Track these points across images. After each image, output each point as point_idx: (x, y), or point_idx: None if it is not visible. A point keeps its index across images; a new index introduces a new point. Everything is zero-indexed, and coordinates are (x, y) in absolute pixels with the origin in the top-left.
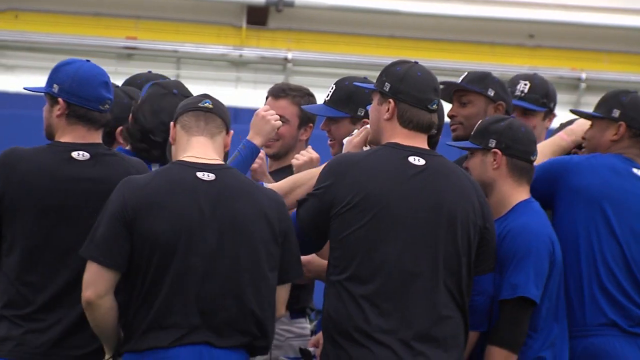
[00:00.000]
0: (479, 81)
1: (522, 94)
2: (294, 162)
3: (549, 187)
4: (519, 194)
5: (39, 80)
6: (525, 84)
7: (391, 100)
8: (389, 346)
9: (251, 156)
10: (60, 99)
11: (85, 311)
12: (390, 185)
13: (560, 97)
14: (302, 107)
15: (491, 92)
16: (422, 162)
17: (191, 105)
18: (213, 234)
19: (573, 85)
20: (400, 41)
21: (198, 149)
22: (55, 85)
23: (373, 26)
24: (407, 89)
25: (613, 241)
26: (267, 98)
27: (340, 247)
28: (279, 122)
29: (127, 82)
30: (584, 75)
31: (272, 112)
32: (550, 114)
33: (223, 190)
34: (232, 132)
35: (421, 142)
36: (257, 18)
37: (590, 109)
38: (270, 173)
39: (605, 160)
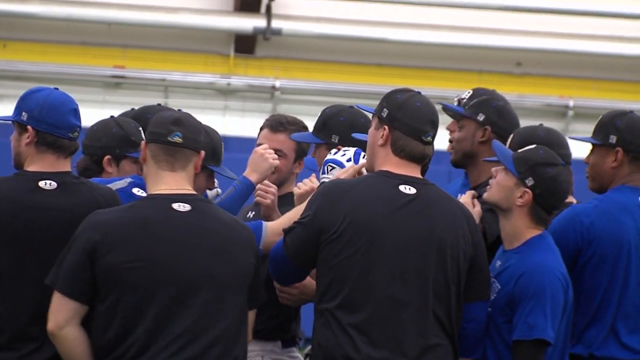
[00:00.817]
0: (476, 105)
1: (461, 102)
2: (296, 190)
3: (572, 251)
4: (533, 230)
5: None
6: (468, 93)
7: (386, 126)
8: None
9: (246, 192)
10: (29, 127)
11: (54, 340)
12: (381, 213)
13: (549, 124)
14: (292, 135)
15: (481, 117)
16: (412, 190)
17: (161, 137)
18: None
19: (561, 112)
20: (388, 69)
21: (169, 182)
22: (24, 113)
23: (360, 54)
24: (403, 117)
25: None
26: (261, 129)
27: (329, 274)
28: (277, 162)
29: (135, 115)
30: (571, 103)
31: (271, 150)
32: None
33: (202, 221)
34: (202, 152)
35: (413, 171)
36: (244, 46)
37: (578, 136)
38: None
39: (613, 200)
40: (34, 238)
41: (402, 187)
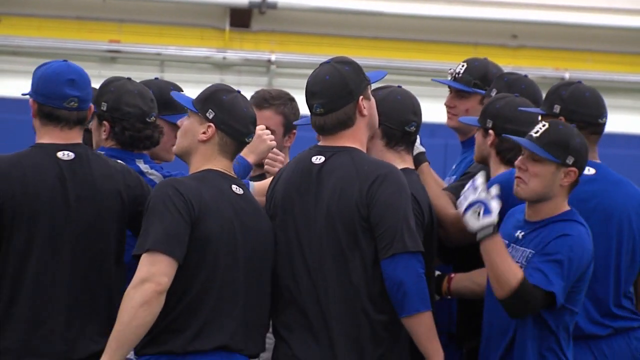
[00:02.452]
0: (480, 78)
1: (457, 76)
2: (268, 169)
3: None
4: (565, 204)
5: (22, 84)
6: (462, 65)
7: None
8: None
9: (244, 172)
10: (31, 100)
11: (149, 306)
12: (292, 186)
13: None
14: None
15: (494, 92)
16: (322, 159)
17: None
18: None
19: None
20: (384, 42)
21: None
22: (30, 88)
23: (356, 27)
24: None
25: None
26: None
27: None
28: (274, 143)
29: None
30: (567, 75)
31: (268, 132)
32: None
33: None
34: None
35: (333, 140)
36: (240, 20)
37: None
38: (253, 177)
39: None
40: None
41: (314, 158)
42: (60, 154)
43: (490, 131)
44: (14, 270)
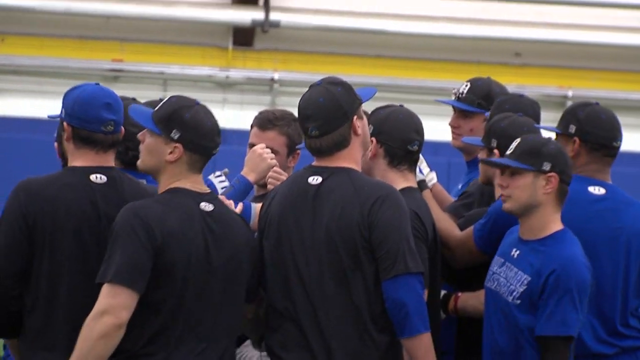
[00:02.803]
0: (484, 98)
1: (461, 95)
2: (269, 187)
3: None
4: (557, 220)
5: (24, 103)
6: (466, 85)
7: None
8: None
9: (244, 191)
10: (65, 123)
11: (108, 338)
12: (288, 207)
13: (548, 115)
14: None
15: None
16: (319, 180)
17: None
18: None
19: (560, 103)
20: (387, 61)
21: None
22: (62, 110)
23: (359, 46)
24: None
25: None
26: (251, 127)
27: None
28: (275, 162)
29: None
30: (570, 93)
31: (268, 150)
32: None
33: None
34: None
35: (329, 160)
36: (243, 39)
37: (542, 125)
38: (257, 197)
39: None
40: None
41: (310, 179)
42: (93, 177)
43: (495, 151)
44: (47, 293)
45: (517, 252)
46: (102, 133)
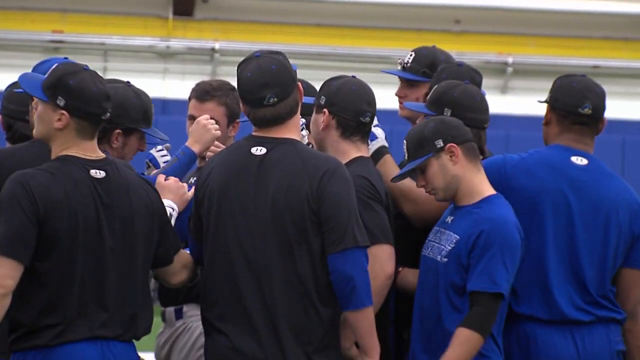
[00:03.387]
0: (429, 67)
1: (406, 65)
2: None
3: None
4: (484, 182)
5: None
6: (411, 55)
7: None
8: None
9: (189, 163)
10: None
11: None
12: (228, 178)
13: (488, 81)
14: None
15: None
16: (263, 151)
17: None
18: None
19: (500, 69)
20: (327, 29)
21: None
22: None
23: (299, 15)
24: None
25: (546, 243)
26: (190, 99)
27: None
28: (219, 133)
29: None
30: (510, 60)
31: (212, 121)
32: None
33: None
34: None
35: (272, 131)
36: (183, 9)
37: (517, 94)
38: (199, 169)
39: (541, 156)
40: None
41: (253, 149)
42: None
43: (453, 146)
44: None
45: (451, 218)
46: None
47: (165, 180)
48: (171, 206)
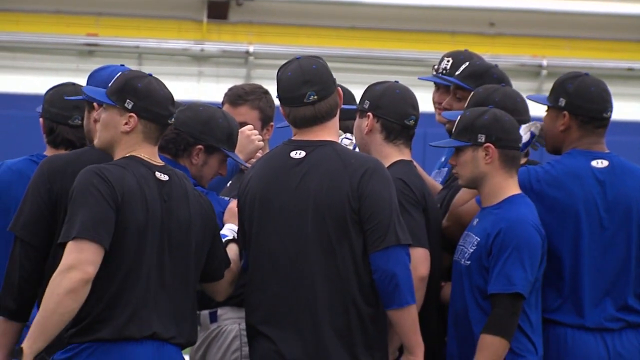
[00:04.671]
0: (477, 78)
1: (444, 71)
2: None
3: None
4: (511, 185)
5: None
6: (448, 61)
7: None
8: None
9: (231, 173)
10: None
11: (75, 294)
12: (269, 181)
13: (522, 84)
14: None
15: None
16: (302, 154)
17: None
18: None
19: (534, 72)
20: (362, 32)
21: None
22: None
23: (334, 17)
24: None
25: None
26: (223, 103)
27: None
28: (262, 143)
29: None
30: (545, 62)
31: (256, 132)
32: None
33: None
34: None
35: (311, 134)
36: (217, 12)
37: (533, 95)
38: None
39: (565, 166)
40: None
41: (292, 153)
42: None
43: (490, 147)
44: None
45: (477, 220)
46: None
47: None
48: (235, 230)
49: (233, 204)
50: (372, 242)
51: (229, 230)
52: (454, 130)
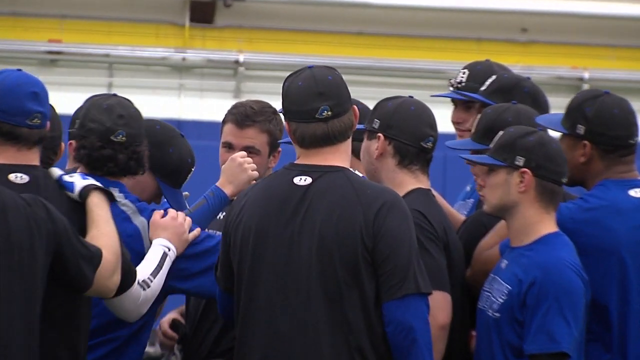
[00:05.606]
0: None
1: (459, 85)
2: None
3: None
4: (547, 222)
5: None
6: (464, 73)
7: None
8: None
9: (219, 207)
10: None
11: None
12: (265, 213)
13: (559, 100)
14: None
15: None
16: (307, 181)
17: None
18: None
19: (574, 86)
20: (371, 38)
21: None
22: None
23: (338, 22)
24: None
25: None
26: (224, 122)
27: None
28: (256, 173)
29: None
30: (586, 75)
31: (250, 160)
32: None
33: None
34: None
35: (319, 158)
36: (202, 15)
37: (544, 119)
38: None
39: (602, 201)
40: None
41: (296, 179)
42: (12, 177)
43: (527, 172)
44: None
45: (505, 262)
46: (26, 127)
47: (162, 217)
48: (166, 245)
49: (156, 214)
50: (387, 289)
51: (163, 247)
52: (492, 145)
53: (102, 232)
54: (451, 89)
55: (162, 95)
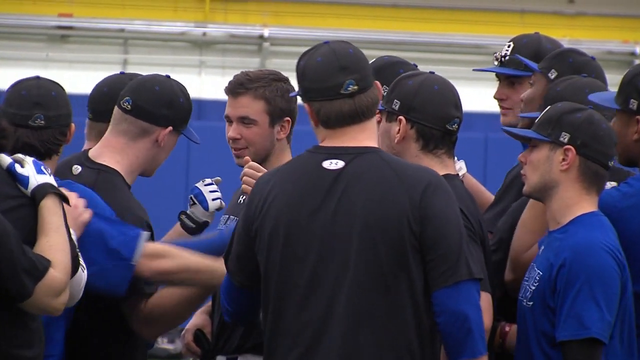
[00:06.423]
0: (532, 59)
1: (504, 59)
2: (245, 187)
3: None
4: (585, 204)
5: None
6: (508, 46)
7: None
8: None
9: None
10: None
11: None
12: (297, 200)
13: (609, 77)
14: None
15: (552, 74)
16: (339, 165)
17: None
18: None
19: (626, 61)
20: (405, 11)
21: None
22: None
23: None
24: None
25: None
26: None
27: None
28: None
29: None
30: (638, 50)
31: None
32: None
33: None
34: (169, 128)
35: (347, 138)
36: None
37: (596, 96)
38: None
39: None
40: None
41: (326, 163)
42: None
43: (570, 150)
44: None
45: (542, 247)
46: None
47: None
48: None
49: (76, 201)
50: (438, 276)
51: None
52: (537, 120)
53: (51, 244)
54: (496, 63)
55: (181, 73)
